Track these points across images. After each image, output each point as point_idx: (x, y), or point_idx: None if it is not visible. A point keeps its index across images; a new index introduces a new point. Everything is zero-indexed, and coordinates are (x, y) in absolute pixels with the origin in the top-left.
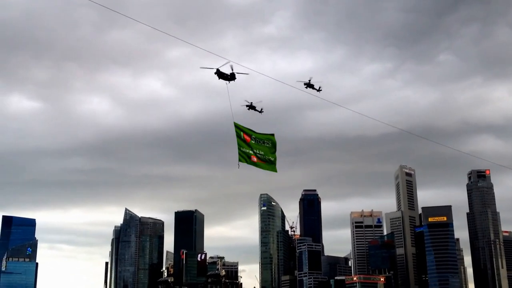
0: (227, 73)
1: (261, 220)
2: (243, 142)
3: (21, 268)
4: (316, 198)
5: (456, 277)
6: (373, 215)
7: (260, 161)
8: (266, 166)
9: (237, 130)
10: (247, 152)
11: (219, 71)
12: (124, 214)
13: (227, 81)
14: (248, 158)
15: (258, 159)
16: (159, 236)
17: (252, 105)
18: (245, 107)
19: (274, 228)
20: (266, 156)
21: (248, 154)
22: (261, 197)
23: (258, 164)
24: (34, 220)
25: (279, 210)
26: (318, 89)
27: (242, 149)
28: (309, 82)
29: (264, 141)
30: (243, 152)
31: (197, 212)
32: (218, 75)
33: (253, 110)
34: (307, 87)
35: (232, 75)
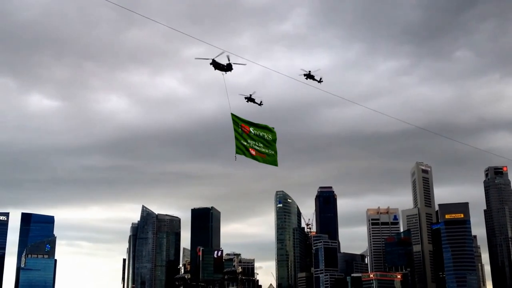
0: (223, 64)
1: (277, 217)
2: (240, 135)
3: (40, 265)
4: (332, 195)
5: (474, 274)
6: (389, 212)
7: (260, 154)
8: (265, 159)
9: (234, 122)
10: (245, 145)
11: (215, 62)
12: (141, 211)
13: (224, 71)
14: (246, 151)
15: (257, 152)
16: (176, 233)
17: (251, 97)
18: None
19: (290, 225)
20: (265, 149)
21: (246, 147)
22: (277, 194)
23: (257, 157)
24: (52, 217)
25: (295, 207)
26: (319, 80)
27: (240, 141)
28: (309, 73)
29: (263, 133)
30: (241, 144)
31: (213, 209)
32: (214, 66)
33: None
34: (307, 78)
35: (228, 65)
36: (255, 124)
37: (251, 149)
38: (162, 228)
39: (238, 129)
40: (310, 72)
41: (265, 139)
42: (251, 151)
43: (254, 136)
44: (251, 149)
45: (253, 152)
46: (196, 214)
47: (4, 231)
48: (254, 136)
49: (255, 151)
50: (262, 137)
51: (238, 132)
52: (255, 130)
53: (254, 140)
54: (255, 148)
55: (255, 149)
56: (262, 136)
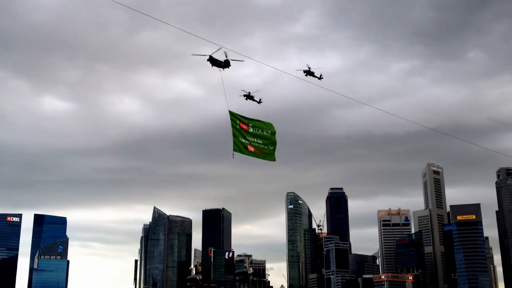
0: (221, 60)
1: (288, 218)
2: (239, 132)
3: (53, 266)
4: (343, 196)
5: (486, 276)
6: (400, 214)
7: (258, 151)
8: (263, 155)
9: (232, 119)
10: (243, 142)
11: (212, 58)
12: (152, 212)
13: (221, 68)
14: (244, 148)
15: (256, 149)
16: (187, 234)
17: (250, 95)
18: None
19: (301, 226)
20: (264, 146)
21: (244, 144)
22: (287, 196)
23: (256, 154)
24: (65, 218)
25: (306, 208)
26: (319, 77)
27: (239, 138)
28: (309, 69)
29: (263, 129)
30: (239, 141)
31: (224, 211)
32: (211, 62)
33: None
34: (307, 75)
35: (226, 62)
36: (253, 120)
37: (249, 146)
38: (174, 229)
39: (236, 126)
40: (310, 68)
41: (263, 135)
42: (249, 148)
43: (252, 132)
44: (249, 146)
45: (251, 149)
46: (207, 215)
47: (17, 232)
48: (253, 133)
49: (253, 147)
50: (261, 133)
51: (236, 129)
52: (253, 126)
53: (253, 137)
54: (253, 145)
55: (254, 145)
56: (261, 132)
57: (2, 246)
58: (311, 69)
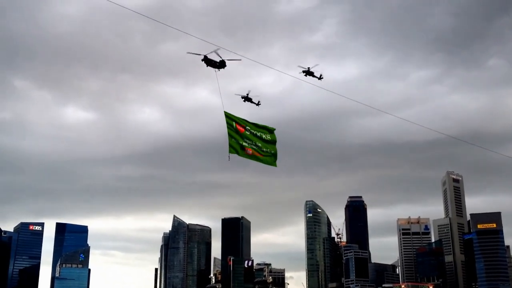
0: (216, 60)
1: (307, 227)
2: (235, 133)
3: (74, 274)
4: (362, 204)
5: (507, 285)
6: (420, 222)
7: (257, 153)
8: (264, 159)
9: (228, 120)
10: (241, 144)
11: (207, 58)
12: (172, 221)
13: (217, 68)
14: (241, 150)
15: (255, 151)
16: (206, 243)
17: (248, 97)
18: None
19: (320, 235)
20: (263, 149)
21: (241, 146)
22: (306, 204)
23: (255, 156)
24: (86, 227)
25: (324, 216)
26: (319, 77)
27: (234, 140)
28: (308, 69)
29: (261, 133)
30: (236, 143)
31: (243, 219)
32: (206, 62)
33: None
34: (306, 75)
35: (221, 62)
36: (252, 124)
37: (246, 149)
38: (193, 237)
39: (233, 127)
40: (309, 68)
41: (262, 139)
42: (247, 150)
43: (250, 135)
44: (246, 148)
45: (248, 151)
46: (226, 224)
47: (39, 241)
48: (250, 136)
49: (252, 150)
50: (260, 137)
51: (232, 130)
52: (251, 129)
53: (250, 139)
54: (251, 147)
55: (252, 148)
56: (260, 135)
57: (25, 254)
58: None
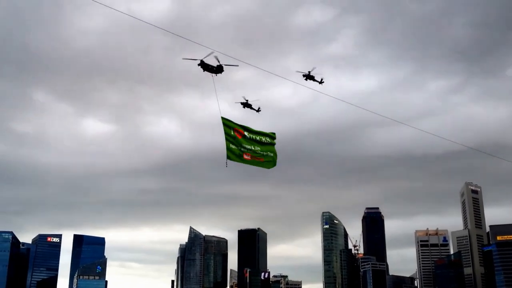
0: (213, 65)
1: (323, 238)
2: (233, 139)
3: (92, 286)
4: (379, 216)
5: None
6: (438, 234)
7: (255, 159)
8: (261, 163)
9: (225, 126)
10: (238, 150)
11: (203, 63)
12: (189, 232)
13: (214, 73)
14: (239, 156)
15: (253, 156)
16: (223, 254)
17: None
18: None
19: (337, 247)
20: (262, 152)
21: (240, 151)
22: (323, 215)
23: (253, 162)
24: (103, 238)
25: (341, 228)
26: (320, 81)
27: (232, 146)
28: (308, 73)
29: (260, 137)
30: (234, 149)
31: (260, 231)
32: (203, 67)
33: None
34: (306, 79)
35: (219, 67)
36: (251, 130)
37: (245, 154)
38: (210, 249)
39: (231, 132)
40: (310, 72)
41: (261, 141)
42: (245, 156)
43: (248, 140)
44: (245, 154)
45: (247, 157)
46: (243, 235)
47: (57, 252)
48: (249, 141)
49: (250, 155)
50: (259, 141)
51: (231, 136)
52: (250, 134)
53: (249, 144)
54: (250, 152)
55: (251, 153)
56: (259, 139)
57: (42, 266)
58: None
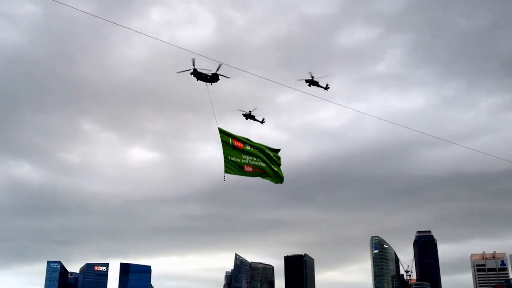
0: (208, 74)
1: (373, 264)
2: (232, 150)
3: None
4: (432, 240)
5: None
6: (496, 257)
7: (258, 170)
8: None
9: (223, 137)
10: (237, 162)
11: (197, 71)
12: (234, 259)
13: (208, 82)
14: (238, 168)
15: (255, 168)
16: (269, 282)
17: (250, 114)
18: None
19: (388, 272)
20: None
21: (239, 164)
22: (372, 240)
23: (255, 173)
24: (149, 267)
25: (392, 253)
26: (326, 87)
27: (231, 158)
28: (312, 79)
29: (261, 148)
30: (233, 161)
31: (306, 256)
32: (196, 76)
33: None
34: (310, 85)
35: (214, 76)
36: (251, 141)
37: (246, 166)
38: (256, 276)
39: (229, 144)
40: (313, 78)
41: (264, 153)
42: (245, 168)
43: (249, 150)
44: (246, 165)
45: (249, 168)
46: (289, 262)
47: (104, 281)
48: (250, 152)
49: (251, 167)
50: (261, 151)
51: (229, 147)
52: (252, 144)
53: (250, 155)
54: (251, 164)
55: (252, 164)
56: (261, 150)
57: None
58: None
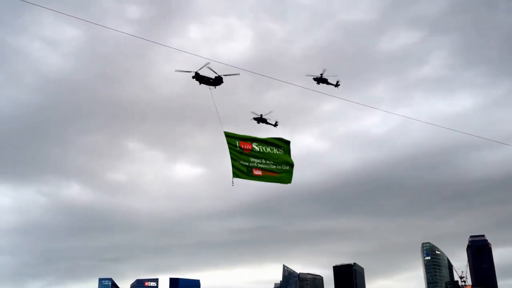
0: (211, 77)
1: (426, 271)
2: (240, 154)
3: None
4: (486, 244)
5: None
6: None
7: (268, 173)
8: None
9: (229, 141)
10: (246, 165)
11: (199, 75)
12: (282, 271)
13: (212, 86)
14: (247, 173)
15: (265, 171)
16: None
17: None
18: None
19: (442, 279)
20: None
21: (247, 167)
22: (423, 246)
23: (265, 177)
24: (198, 281)
25: (444, 259)
26: (336, 84)
27: (240, 161)
28: (320, 76)
29: (270, 148)
30: (240, 165)
31: (356, 266)
32: (199, 80)
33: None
34: (319, 83)
35: (217, 78)
36: (259, 140)
37: (254, 169)
38: (305, 287)
39: (236, 147)
40: (322, 75)
41: (273, 153)
42: (255, 172)
43: (258, 153)
44: (254, 169)
45: (258, 172)
46: (338, 272)
47: None
48: (258, 154)
49: (261, 170)
50: (270, 151)
51: (237, 151)
52: (259, 146)
53: (259, 158)
54: (260, 167)
55: (261, 168)
56: (269, 152)
57: None
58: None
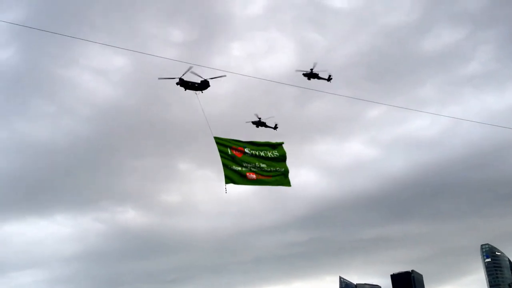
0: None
1: (487, 273)
2: (231, 160)
3: None
4: None
5: None
6: None
7: (262, 177)
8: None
9: (220, 147)
10: (239, 170)
11: (183, 81)
12: (339, 282)
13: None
14: (241, 178)
15: (259, 175)
16: None
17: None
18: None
19: (505, 281)
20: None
21: (240, 172)
22: (482, 248)
23: (261, 180)
24: None
25: (506, 260)
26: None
27: (231, 167)
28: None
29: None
30: (233, 171)
31: (414, 273)
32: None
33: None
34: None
35: (203, 83)
36: (252, 143)
37: (248, 174)
38: None
39: (228, 152)
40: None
41: (267, 158)
42: (249, 176)
43: (250, 157)
44: (248, 173)
45: (252, 176)
46: (396, 280)
47: None
48: (251, 158)
49: (255, 174)
50: (264, 156)
51: (228, 156)
52: (251, 150)
53: (251, 162)
54: (254, 170)
55: (255, 171)
56: (263, 154)
57: None
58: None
